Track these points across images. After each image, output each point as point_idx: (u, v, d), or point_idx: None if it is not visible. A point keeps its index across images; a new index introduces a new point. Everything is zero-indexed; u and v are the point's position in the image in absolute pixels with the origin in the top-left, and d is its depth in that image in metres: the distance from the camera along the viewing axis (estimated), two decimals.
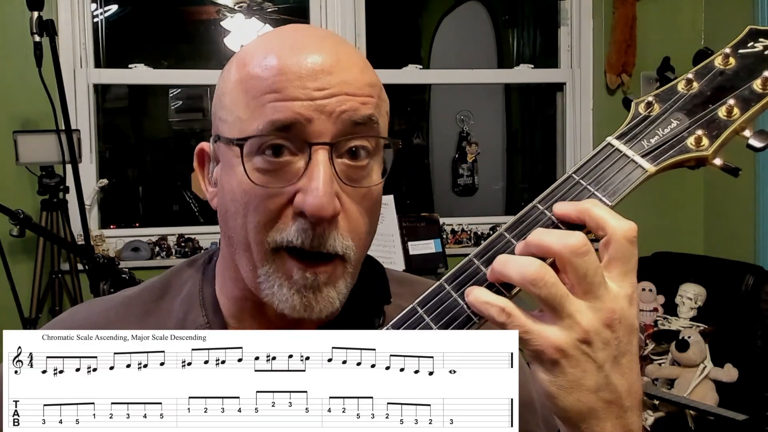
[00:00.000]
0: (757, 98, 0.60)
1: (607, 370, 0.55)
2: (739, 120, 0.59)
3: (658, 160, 0.59)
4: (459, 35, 4.15)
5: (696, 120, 0.60)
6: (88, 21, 2.95)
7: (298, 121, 0.64)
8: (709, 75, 0.62)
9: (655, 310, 2.87)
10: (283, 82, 0.65)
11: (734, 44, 0.63)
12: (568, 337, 0.54)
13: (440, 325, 0.58)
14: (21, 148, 2.53)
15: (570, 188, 0.59)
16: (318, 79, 0.65)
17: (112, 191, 3.16)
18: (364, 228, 0.69)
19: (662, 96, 0.62)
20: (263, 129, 0.64)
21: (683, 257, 2.99)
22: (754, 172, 2.94)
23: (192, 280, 0.79)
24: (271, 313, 0.72)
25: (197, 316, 0.76)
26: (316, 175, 0.63)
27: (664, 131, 0.61)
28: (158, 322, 0.76)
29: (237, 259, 0.71)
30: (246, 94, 0.67)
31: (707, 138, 0.59)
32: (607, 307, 0.54)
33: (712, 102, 0.61)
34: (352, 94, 0.66)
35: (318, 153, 0.64)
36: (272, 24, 3.44)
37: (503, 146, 4.25)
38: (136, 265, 2.75)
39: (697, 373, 2.58)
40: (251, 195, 0.66)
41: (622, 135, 0.61)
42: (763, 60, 0.61)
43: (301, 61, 0.65)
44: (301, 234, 0.65)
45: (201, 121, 3.95)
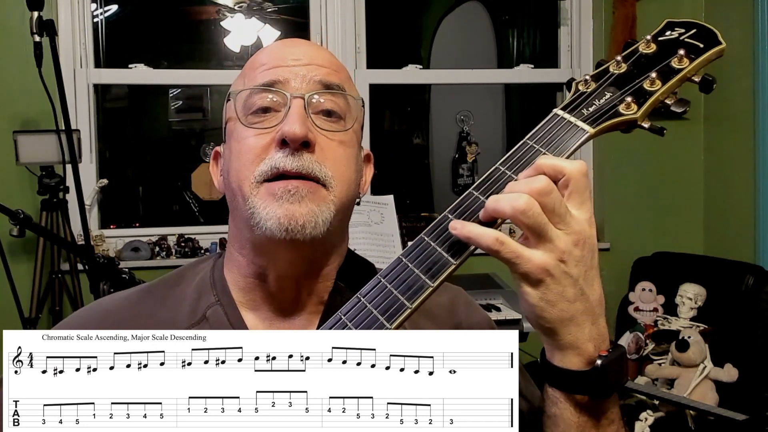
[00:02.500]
0: (674, 72, 0.73)
1: (581, 283, 0.66)
2: (662, 89, 0.73)
3: (596, 123, 0.72)
4: (459, 35, 4.15)
5: (625, 90, 0.74)
6: (88, 21, 2.95)
7: (278, 80, 0.80)
8: (634, 57, 0.76)
9: (655, 310, 2.87)
10: (271, 58, 0.83)
11: (654, 34, 0.78)
12: (550, 258, 0.64)
13: (421, 270, 0.65)
14: (21, 148, 2.53)
15: (526, 150, 0.71)
16: (295, 54, 0.82)
17: (112, 191, 3.15)
18: (343, 168, 0.80)
19: (596, 75, 0.76)
20: (254, 87, 0.80)
21: (683, 257, 2.99)
22: (754, 172, 2.94)
23: (205, 270, 0.88)
24: (271, 278, 0.81)
25: (209, 296, 0.83)
26: (292, 112, 0.77)
27: (600, 101, 0.73)
28: (175, 305, 0.83)
29: (235, 211, 0.81)
30: (243, 75, 0.85)
31: (635, 104, 0.72)
32: (575, 230, 0.65)
33: (638, 77, 0.74)
34: (322, 65, 0.82)
35: (294, 101, 0.78)
36: (272, 24, 3.44)
37: (503, 146, 4.24)
38: (136, 265, 2.75)
39: (697, 373, 2.58)
40: (242, 140, 0.79)
41: (566, 106, 0.74)
42: (678, 44, 0.76)
43: (285, 46, 0.85)
44: (283, 159, 0.76)
45: (201, 121, 3.95)
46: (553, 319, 0.65)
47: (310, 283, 0.82)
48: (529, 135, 0.72)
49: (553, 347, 0.68)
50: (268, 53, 0.84)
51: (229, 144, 0.83)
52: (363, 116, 0.87)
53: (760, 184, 2.93)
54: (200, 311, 0.82)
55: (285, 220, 0.74)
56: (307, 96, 0.79)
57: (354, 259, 0.87)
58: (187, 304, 0.83)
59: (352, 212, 0.85)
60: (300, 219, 0.74)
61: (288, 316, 0.82)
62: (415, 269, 0.65)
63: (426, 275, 0.65)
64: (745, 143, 2.96)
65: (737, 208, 3.09)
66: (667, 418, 2.58)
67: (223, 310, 0.81)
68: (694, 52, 0.74)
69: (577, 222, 0.65)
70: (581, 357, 0.67)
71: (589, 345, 0.67)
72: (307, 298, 0.82)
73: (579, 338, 0.67)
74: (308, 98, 0.79)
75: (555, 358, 0.68)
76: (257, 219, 0.75)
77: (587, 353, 0.67)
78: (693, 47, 0.75)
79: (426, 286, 0.64)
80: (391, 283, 0.65)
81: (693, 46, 0.75)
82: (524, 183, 0.65)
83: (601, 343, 0.68)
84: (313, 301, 0.83)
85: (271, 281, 0.81)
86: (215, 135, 3.79)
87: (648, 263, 3.02)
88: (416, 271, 0.65)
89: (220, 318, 0.81)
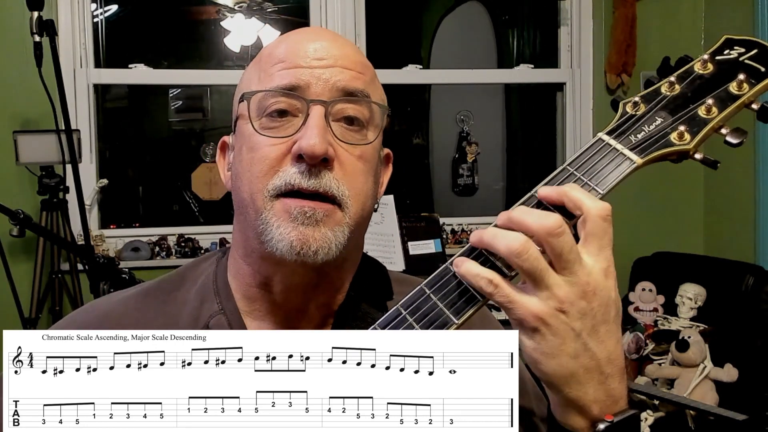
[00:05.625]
0: (732, 99, 0.67)
1: (584, 338, 0.60)
2: (717, 118, 0.66)
3: (645, 152, 0.65)
4: (459, 35, 4.15)
5: (678, 117, 0.67)
6: (88, 21, 2.95)
7: (298, 85, 0.73)
8: (689, 78, 0.69)
9: (655, 310, 2.87)
10: (289, 55, 0.75)
11: (712, 52, 0.71)
12: (547, 307, 0.59)
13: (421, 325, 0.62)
14: (21, 148, 2.53)
15: (565, 179, 0.65)
16: (318, 52, 0.75)
17: (112, 191, 3.15)
18: (361, 185, 0.75)
19: (647, 97, 0.69)
20: (270, 89, 0.74)
21: (683, 257, 2.99)
22: (754, 172, 2.94)
23: (207, 272, 0.83)
24: (276, 290, 0.77)
25: (212, 303, 0.79)
26: (311, 123, 0.71)
27: (650, 127, 0.67)
28: (175, 311, 0.79)
29: (243, 220, 0.76)
30: (259, 69, 0.77)
31: (688, 134, 0.66)
32: (582, 281, 0.59)
33: (693, 102, 0.68)
34: (346, 67, 0.75)
35: (314, 108, 0.72)
36: (272, 24, 3.44)
37: (503, 146, 4.25)
38: (136, 265, 2.75)
39: (697, 373, 2.58)
40: (256, 148, 0.73)
41: (612, 131, 0.67)
42: (737, 65, 0.69)
43: (306, 41, 0.76)
44: (298, 175, 0.71)
45: (201, 121, 3.95)
46: (549, 373, 0.60)
47: (319, 295, 0.78)
48: (569, 161, 0.66)
49: (555, 402, 0.63)
50: (287, 47, 0.76)
51: (240, 145, 0.77)
52: (386, 123, 0.80)
53: (760, 184, 2.93)
54: (203, 320, 0.78)
55: (298, 244, 0.70)
56: (329, 104, 0.73)
57: (368, 266, 0.84)
58: (188, 311, 0.79)
59: (368, 223, 0.80)
60: (313, 245, 0.70)
61: (294, 327, 0.78)
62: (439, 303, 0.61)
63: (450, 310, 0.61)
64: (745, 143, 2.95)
65: (737, 208, 3.09)
66: (667, 418, 2.58)
67: (226, 320, 0.78)
68: (755, 76, 0.67)
69: (587, 272, 0.60)
70: (584, 418, 0.62)
71: (594, 407, 0.61)
72: (315, 310, 0.78)
73: (581, 398, 0.61)
74: (330, 107, 0.73)
75: (557, 413, 0.64)
76: (268, 236, 0.71)
77: (591, 415, 0.61)
78: (754, 71, 0.68)
79: (451, 322, 0.61)
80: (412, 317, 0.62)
81: (754, 69, 0.68)
82: (537, 216, 0.60)
83: (610, 405, 0.62)
84: (321, 312, 0.79)
85: (276, 292, 0.77)
86: (215, 135, 3.79)
87: (648, 263, 3.02)
88: (440, 305, 0.61)
89: (223, 329, 0.77)
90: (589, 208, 0.60)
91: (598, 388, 0.61)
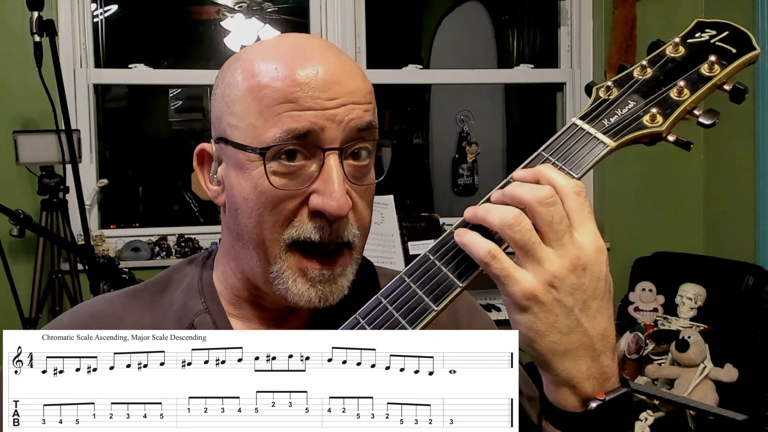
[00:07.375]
0: (704, 80, 0.67)
1: (576, 314, 0.60)
2: (689, 99, 0.66)
3: (618, 135, 0.66)
4: (459, 35, 4.15)
5: (650, 100, 0.67)
6: (88, 21, 2.95)
7: (313, 129, 0.69)
8: (660, 62, 0.69)
9: (655, 310, 2.87)
10: (297, 93, 0.69)
11: (683, 35, 0.71)
12: (537, 282, 0.59)
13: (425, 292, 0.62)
14: (21, 148, 2.53)
15: (540, 164, 0.66)
16: (328, 89, 0.70)
17: (112, 191, 3.15)
18: (367, 219, 0.76)
19: (619, 81, 0.70)
20: (281, 137, 0.69)
21: (683, 257, 2.99)
22: (754, 172, 2.94)
23: (192, 273, 0.83)
24: (269, 301, 0.77)
25: (196, 303, 0.79)
26: (332, 178, 0.69)
27: (623, 111, 0.67)
28: (161, 311, 0.80)
29: (245, 253, 0.75)
30: (259, 102, 0.70)
31: (661, 116, 0.66)
32: (572, 254, 0.59)
33: (664, 85, 0.68)
34: (357, 103, 0.71)
35: (330, 157, 0.69)
36: (272, 24, 3.44)
37: (503, 146, 4.24)
38: (136, 265, 2.75)
39: (697, 373, 2.58)
40: (268, 196, 0.70)
41: (585, 116, 0.68)
42: (709, 48, 0.69)
43: (311, 72, 0.70)
44: (319, 231, 0.70)
45: (201, 121, 3.95)
46: (543, 351, 0.60)
47: None
48: (544, 146, 0.67)
49: (548, 381, 0.63)
50: (292, 82, 0.69)
51: (239, 174, 0.72)
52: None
53: (760, 184, 2.92)
54: (187, 319, 0.77)
55: (317, 300, 0.72)
56: (344, 149, 0.70)
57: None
58: (174, 311, 0.79)
59: None
60: (331, 297, 0.72)
61: (282, 327, 0.79)
62: (418, 290, 0.62)
63: (429, 297, 0.62)
64: (745, 143, 2.95)
65: (737, 208, 3.08)
66: (667, 418, 2.58)
67: (211, 319, 0.77)
68: (726, 57, 0.67)
69: (578, 246, 0.60)
70: (577, 396, 0.62)
71: (587, 384, 0.61)
72: (305, 310, 0.77)
73: (575, 375, 0.61)
74: (344, 152, 0.71)
75: (549, 393, 0.64)
76: (283, 286, 0.71)
77: (584, 393, 0.61)
78: (725, 52, 0.68)
79: (430, 309, 0.62)
80: (392, 305, 0.63)
81: (725, 50, 0.68)
82: (529, 187, 0.61)
83: (603, 382, 0.62)
84: (310, 311, 0.78)
85: (268, 303, 0.78)
86: None
87: (648, 263, 3.02)
88: (419, 293, 0.62)
89: (208, 327, 0.77)
90: (563, 186, 0.61)
91: (591, 365, 0.61)
